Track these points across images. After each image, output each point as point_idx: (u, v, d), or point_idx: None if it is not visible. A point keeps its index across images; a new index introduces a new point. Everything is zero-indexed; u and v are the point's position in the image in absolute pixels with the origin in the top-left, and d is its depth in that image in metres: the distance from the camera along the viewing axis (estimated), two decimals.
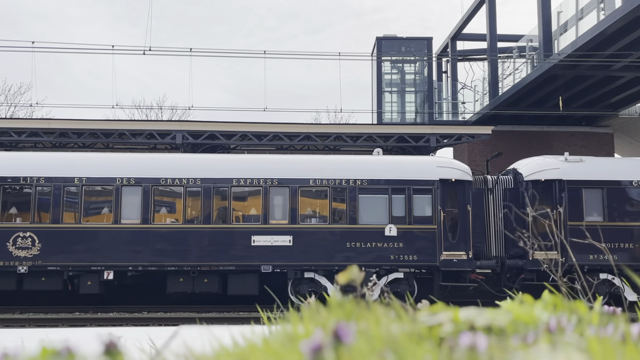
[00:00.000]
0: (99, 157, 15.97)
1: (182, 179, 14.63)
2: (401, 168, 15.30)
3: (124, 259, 14.23)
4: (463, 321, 1.21)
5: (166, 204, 14.86)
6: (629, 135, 26.67)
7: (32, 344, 1.21)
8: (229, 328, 1.95)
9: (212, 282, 14.46)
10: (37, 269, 14.07)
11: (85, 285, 14.19)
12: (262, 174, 14.77)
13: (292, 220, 14.56)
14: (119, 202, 14.41)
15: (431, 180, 14.92)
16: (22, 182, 14.41)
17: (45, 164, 14.79)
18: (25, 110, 32.53)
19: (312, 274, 14.51)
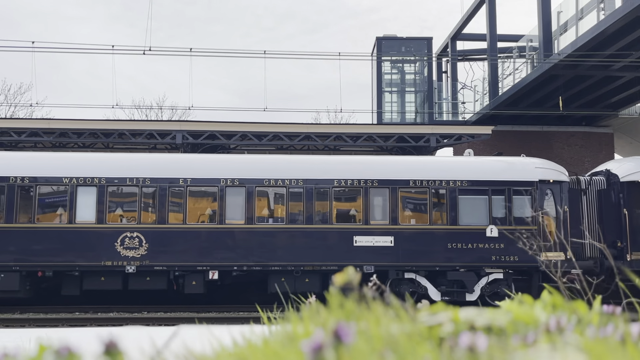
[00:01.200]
0: (204, 158, 16.25)
1: (285, 179, 14.76)
2: (501, 169, 15.44)
3: (229, 259, 14.37)
4: (463, 321, 1.21)
5: (270, 204, 15.02)
6: (629, 135, 26.68)
7: (32, 344, 1.21)
8: (229, 328, 1.95)
9: (313, 282, 14.58)
10: (144, 268, 14.22)
11: (190, 285, 14.30)
12: (362, 175, 14.89)
13: (393, 221, 14.67)
14: (224, 203, 14.56)
15: (530, 181, 14.99)
16: (128, 183, 14.54)
17: (151, 166, 14.97)
18: (25, 110, 32.55)
19: (413, 275, 14.57)
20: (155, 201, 14.49)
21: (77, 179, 14.37)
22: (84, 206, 14.35)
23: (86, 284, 14.23)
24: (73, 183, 14.34)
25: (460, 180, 14.90)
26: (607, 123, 25.72)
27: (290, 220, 14.66)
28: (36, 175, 14.44)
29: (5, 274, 13.96)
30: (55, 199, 14.55)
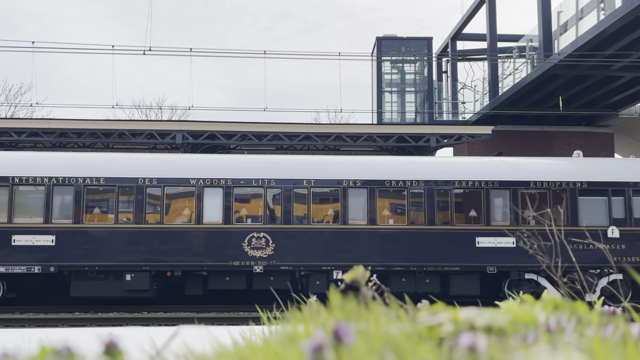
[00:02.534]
0: (327, 160, 16.53)
1: (406, 180, 14.89)
2: (620, 170, 15.55)
3: (352, 259, 14.42)
4: (463, 321, 1.21)
5: (391, 205, 15.17)
6: (629, 135, 26.68)
7: (32, 344, 1.22)
8: (229, 328, 1.95)
9: (434, 282, 14.67)
10: (270, 268, 14.37)
11: (314, 285, 14.41)
12: (483, 176, 15.04)
13: (514, 222, 14.80)
14: (347, 204, 14.71)
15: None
16: (254, 184, 14.72)
17: (276, 167, 15.16)
18: (25, 110, 32.56)
19: (534, 276, 14.68)
20: (281, 202, 14.71)
21: (203, 180, 14.61)
22: (210, 207, 14.59)
23: (211, 284, 14.42)
24: (200, 184, 14.58)
25: (581, 182, 15.04)
26: (607, 123, 25.72)
27: (411, 221, 14.84)
28: (164, 176, 14.64)
29: (136, 273, 14.20)
30: (183, 199, 14.83)
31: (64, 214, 14.41)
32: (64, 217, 14.38)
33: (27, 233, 14.14)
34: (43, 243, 14.15)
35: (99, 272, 14.31)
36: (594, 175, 15.16)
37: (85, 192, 14.43)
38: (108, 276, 14.35)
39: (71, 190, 14.40)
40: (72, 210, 14.32)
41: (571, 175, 15.11)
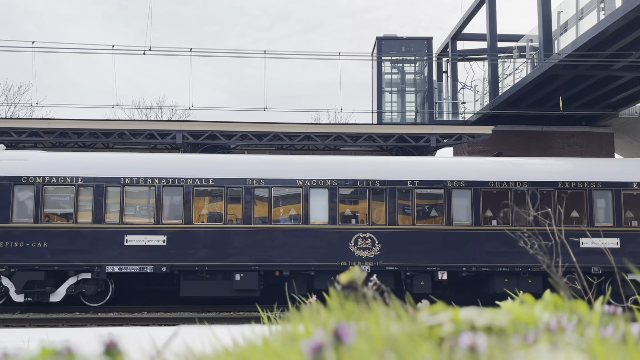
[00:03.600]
0: (430, 160, 16.75)
1: (510, 182, 15.09)
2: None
3: (457, 260, 14.64)
4: (463, 321, 1.21)
5: (492, 206, 15.29)
6: (629, 135, 26.67)
7: (32, 344, 1.22)
8: (229, 328, 1.95)
9: (536, 282, 14.77)
10: (376, 269, 14.42)
11: (418, 285, 14.50)
12: (586, 178, 15.22)
13: (617, 223, 14.94)
14: (450, 204, 14.84)
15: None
16: (358, 185, 14.98)
17: (380, 168, 15.37)
18: (25, 110, 32.56)
19: None
20: (385, 202, 14.82)
21: (309, 181, 14.81)
22: (316, 207, 14.81)
23: (317, 284, 14.49)
24: (306, 185, 14.74)
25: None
26: (607, 123, 25.72)
27: (512, 222, 14.92)
28: (271, 177, 14.84)
29: (245, 273, 14.38)
30: (290, 199, 15.02)
31: (174, 215, 14.64)
32: (174, 218, 14.62)
33: (139, 233, 14.37)
34: (155, 243, 14.39)
35: (208, 272, 14.49)
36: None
37: (195, 193, 14.63)
38: (217, 276, 14.55)
39: (180, 191, 14.63)
40: (182, 210, 14.55)
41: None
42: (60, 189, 14.55)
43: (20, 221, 14.31)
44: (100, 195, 14.37)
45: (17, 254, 14.08)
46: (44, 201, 14.39)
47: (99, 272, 14.25)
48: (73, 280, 14.38)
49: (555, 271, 1.62)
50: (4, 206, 14.25)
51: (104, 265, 14.20)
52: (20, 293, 14.08)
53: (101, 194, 14.39)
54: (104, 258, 14.20)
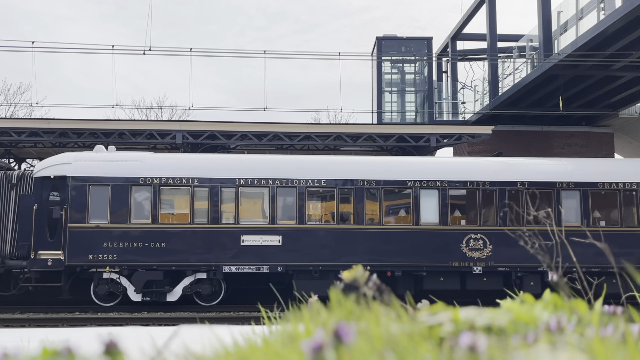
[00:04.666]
0: (540, 162, 16.83)
1: (619, 183, 15.30)
2: None
3: (569, 260, 14.59)
4: (463, 321, 1.21)
5: (601, 207, 15.50)
6: (629, 135, 26.67)
7: (32, 343, 1.22)
8: (229, 328, 1.95)
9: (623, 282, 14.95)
10: (488, 269, 14.66)
11: (528, 286, 14.60)
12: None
13: None
14: (559, 205, 14.96)
15: None
16: (469, 186, 15.14)
17: (488, 168, 15.53)
18: (24, 110, 32.56)
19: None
20: (495, 203, 14.97)
21: (420, 182, 14.95)
22: (427, 208, 15.02)
23: (427, 284, 14.63)
24: (417, 186, 14.94)
25: None
26: (607, 123, 25.71)
27: (624, 222, 15.17)
28: (382, 178, 15.02)
29: None
30: (400, 200, 15.22)
31: (288, 215, 14.86)
32: (288, 218, 14.82)
33: (255, 233, 14.58)
34: (270, 243, 14.58)
35: (321, 271, 14.67)
36: None
37: (307, 194, 14.84)
38: (329, 276, 14.67)
39: (294, 192, 14.82)
40: (295, 211, 14.75)
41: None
42: (176, 189, 14.83)
43: (138, 222, 14.52)
44: (215, 196, 14.65)
45: (136, 254, 14.32)
46: (161, 202, 14.66)
47: (215, 272, 14.53)
48: (189, 280, 14.62)
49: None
50: (123, 207, 14.48)
51: (220, 265, 14.44)
52: (138, 293, 14.34)
53: (216, 194, 14.66)
54: (221, 258, 14.44)
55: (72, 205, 14.35)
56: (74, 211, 14.35)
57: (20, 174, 15.69)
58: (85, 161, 14.83)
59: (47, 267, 14.13)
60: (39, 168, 14.89)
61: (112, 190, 14.46)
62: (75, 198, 14.39)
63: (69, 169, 14.58)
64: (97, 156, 15.07)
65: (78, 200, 14.39)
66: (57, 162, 14.84)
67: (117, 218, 14.40)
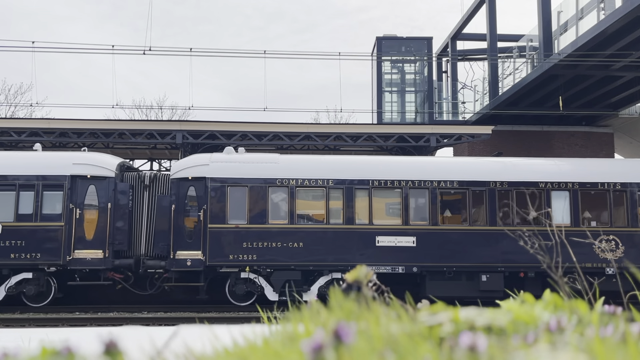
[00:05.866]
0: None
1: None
2: None
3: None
4: (463, 321, 1.21)
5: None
6: (629, 135, 26.67)
7: (32, 343, 1.22)
8: (229, 328, 1.95)
9: None
10: (622, 270, 14.67)
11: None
12: None
13: None
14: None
15: None
16: (599, 188, 15.21)
17: (620, 170, 15.65)
18: (25, 110, 32.56)
19: None
20: (626, 204, 15.07)
21: (551, 184, 15.16)
22: (559, 209, 15.14)
23: None
24: (548, 188, 15.14)
25: None
26: (607, 123, 25.72)
27: None
28: (512, 179, 15.15)
29: (491, 274, 14.68)
30: (532, 202, 15.29)
31: (420, 216, 15.02)
32: (420, 219, 14.98)
33: (389, 234, 14.72)
34: (404, 244, 14.71)
35: (454, 272, 14.76)
36: None
37: (440, 195, 15.02)
38: (461, 276, 14.80)
39: (426, 193, 14.96)
40: (427, 212, 14.90)
41: None
42: (311, 191, 15.04)
43: (276, 222, 14.71)
44: (350, 197, 14.84)
45: (275, 254, 14.50)
46: (297, 202, 14.80)
47: None
48: (325, 280, 14.78)
49: None
50: (261, 208, 14.69)
51: (356, 265, 14.33)
52: (276, 292, 14.50)
53: (351, 195, 14.83)
54: (357, 258, 14.54)
55: (212, 206, 14.60)
56: (213, 212, 14.59)
57: (152, 175, 15.98)
58: (222, 163, 15.13)
59: (186, 267, 14.36)
60: (176, 169, 15.13)
61: (250, 191, 14.73)
62: (215, 199, 14.66)
63: (207, 170, 14.85)
64: (232, 158, 15.37)
65: (217, 201, 14.67)
66: (195, 163, 15.09)
67: (255, 219, 14.64)
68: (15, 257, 14.19)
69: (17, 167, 14.74)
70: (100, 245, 14.43)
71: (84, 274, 14.72)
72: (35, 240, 14.31)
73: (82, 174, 14.69)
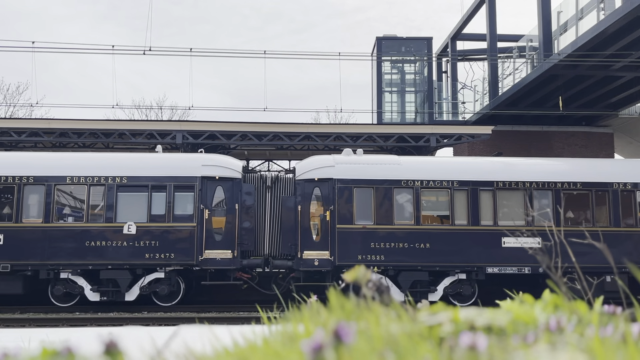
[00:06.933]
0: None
1: None
2: None
3: None
4: (463, 321, 1.21)
5: None
6: (629, 135, 26.67)
7: (32, 343, 1.22)
8: (229, 328, 1.95)
9: None
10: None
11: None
12: None
13: None
14: None
15: None
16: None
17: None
18: (24, 110, 32.55)
19: None
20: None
21: None
22: None
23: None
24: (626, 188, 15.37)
25: None
26: (607, 123, 25.72)
27: None
28: (636, 181, 15.38)
29: (615, 276, 14.78)
30: None
31: (544, 217, 15.12)
32: (544, 220, 14.96)
33: (514, 235, 14.73)
34: (530, 245, 14.69)
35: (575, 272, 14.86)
36: None
37: (563, 196, 15.20)
38: None
39: (549, 195, 15.30)
40: (551, 213, 15.09)
41: None
42: (436, 192, 15.23)
43: (402, 223, 14.92)
44: (475, 198, 15.07)
45: (402, 254, 14.64)
46: (422, 203, 14.98)
47: (478, 273, 14.79)
48: (450, 280, 14.95)
49: None
50: (387, 208, 14.88)
51: (483, 266, 14.73)
52: (403, 292, 14.62)
53: (476, 197, 15.06)
54: (482, 259, 14.74)
55: (339, 207, 14.80)
56: (340, 212, 14.81)
57: (274, 176, 16.28)
58: (347, 164, 15.38)
59: (313, 267, 14.63)
60: (302, 171, 15.38)
61: (375, 192, 14.91)
62: (342, 200, 14.89)
63: (334, 171, 15.12)
64: (357, 159, 15.62)
65: (344, 202, 14.89)
66: (321, 165, 15.36)
67: (382, 219, 14.80)
68: (149, 256, 14.42)
69: (149, 169, 14.99)
70: (229, 246, 14.71)
71: (211, 273, 15.04)
72: (169, 240, 14.56)
73: (211, 175, 14.96)
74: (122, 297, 14.52)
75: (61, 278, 14.47)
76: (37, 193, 14.64)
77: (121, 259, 14.39)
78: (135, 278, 14.62)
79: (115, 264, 14.40)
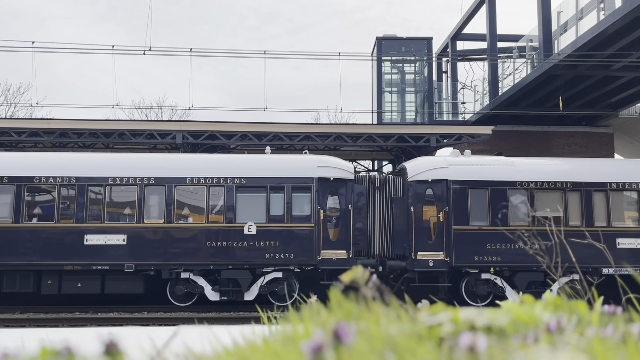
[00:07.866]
0: None
1: None
2: None
3: None
4: (463, 321, 1.21)
5: None
6: (629, 135, 26.67)
7: (32, 343, 1.22)
8: (229, 328, 1.95)
9: None
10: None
11: None
12: None
13: None
14: None
15: None
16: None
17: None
18: (25, 110, 32.56)
19: None
20: None
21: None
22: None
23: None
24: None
25: None
26: (607, 123, 25.72)
27: None
28: None
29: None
30: None
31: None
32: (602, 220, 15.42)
33: (628, 236, 15.19)
34: (637, 246, 15.21)
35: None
36: None
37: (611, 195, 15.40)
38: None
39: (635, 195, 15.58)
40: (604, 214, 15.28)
41: None
42: (549, 193, 15.36)
43: (516, 224, 14.87)
44: (588, 200, 15.22)
45: (517, 254, 14.58)
46: (535, 204, 14.97)
47: (592, 273, 14.79)
48: (564, 280, 15.07)
49: None
50: (502, 209, 14.97)
51: (598, 267, 14.76)
52: (518, 292, 14.63)
53: (589, 198, 15.23)
54: (596, 260, 14.66)
55: (454, 208, 14.90)
56: (456, 213, 14.90)
57: (383, 177, 16.46)
58: (461, 166, 15.48)
59: (428, 267, 14.72)
60: (414, 172, 15.42)
61: (490, 193, 15.04)
62: (456, 201, 14.96)
63: (447, 173, 15.21)
64: (469, 160, 15.74)
65: (459, 202, 14.97)
66: (434, 166, 15.47)
67: (496, 220, 14.83)
68: (270, 257, 14.57)
69: (267, 170, 15.17)
70: (344, 246, 14.86)
71: (323, 274, 15.16)
72: (288, 240, 14.73)
73: (325, 176, 15.15)
74: (242, 296, 14.64)
75: (181, 278, 14.62)
76: (157, 194, 14.84)
77: (242, 259, 14.56)
78: (254, 278, 14.76)
79: (236, 264, 14.56)
